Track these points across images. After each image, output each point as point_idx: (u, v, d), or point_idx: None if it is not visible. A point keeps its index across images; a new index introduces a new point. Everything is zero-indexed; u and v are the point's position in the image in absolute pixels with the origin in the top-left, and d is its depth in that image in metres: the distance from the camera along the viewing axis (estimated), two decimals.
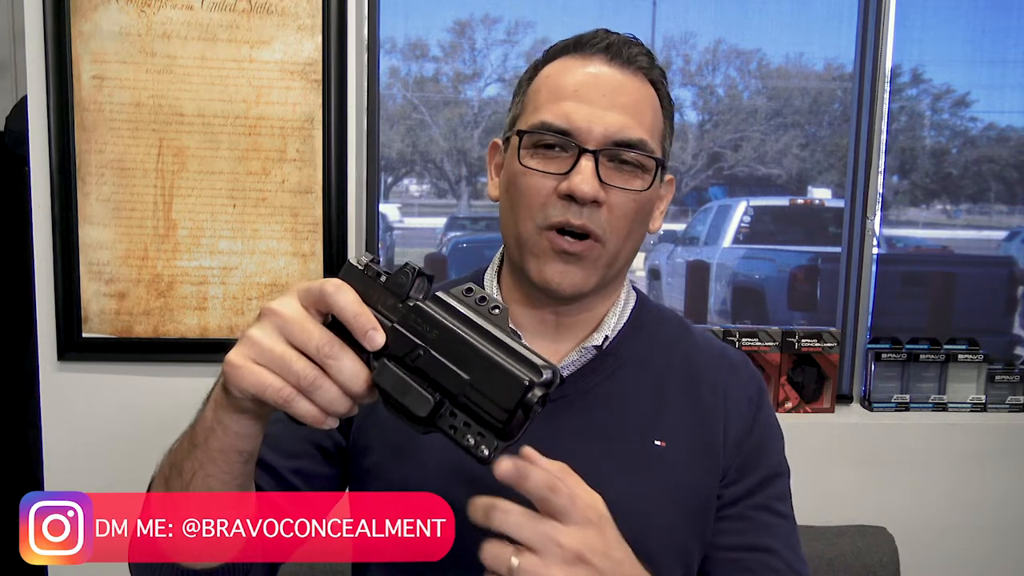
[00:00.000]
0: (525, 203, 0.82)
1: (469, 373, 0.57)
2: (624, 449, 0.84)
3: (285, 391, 0.58)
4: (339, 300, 0.59)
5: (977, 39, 2.53)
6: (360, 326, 0.59)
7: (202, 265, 1.63)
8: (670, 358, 0.91)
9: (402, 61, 2.58)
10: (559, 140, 0.81)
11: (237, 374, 0.59)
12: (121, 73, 1.58)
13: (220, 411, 0.64)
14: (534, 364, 0.57)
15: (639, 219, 0.84)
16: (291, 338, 0.59)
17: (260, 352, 0.59)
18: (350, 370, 0.59)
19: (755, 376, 0.95)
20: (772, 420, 0.93)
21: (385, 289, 0.61)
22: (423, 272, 0.61)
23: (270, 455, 0.81)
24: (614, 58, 0.83)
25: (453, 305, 0.60)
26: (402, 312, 0.60)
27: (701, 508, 0.86)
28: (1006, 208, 3.52)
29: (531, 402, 0.56)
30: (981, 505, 1.87)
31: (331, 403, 0.59)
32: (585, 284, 0.83)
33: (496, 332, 0.58)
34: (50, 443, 1.66)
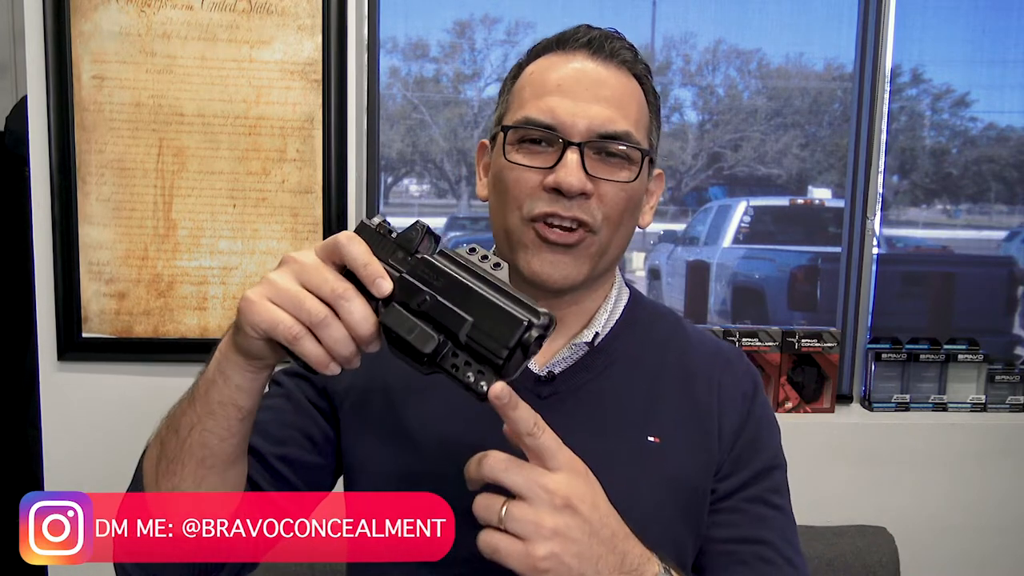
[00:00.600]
0: (511, 196, 0.83)
1: (472, 314, 0.60)
2: (617, 445, 0.84)
3: (295, 328, 0.61)
4: (351, 250, 0.62)
5: (977, 39, 2.53)
6: (368, 274, 0.62)
7: (202, 265, 1.63)
8: (664, 355, 0.91)
9: (402, 61, 2.58)
10: (544, 135, 0.81)
11: (252, 309, 0.62)
12: (121, 73, 1.58)
13: (224, 361, 0.66)
14: (533, 308, 0.60)
15: (629, 211, 0.84)
16: (306, 282, 0.62)
17: (276, 291, 0.62)
18: (360, 312, 0.61)
19: (750, 370, 0.95)
20: (767, 413, 0.93)
21: (395, 244, 0.65)
22: (431, 231, 0.65)
23: (257, 440, 0.81)
24: (596, 52, 0.84)
25: (457, 258, 0.64)
26: (411, 264, 0.64)
27: (695, 503, 0.86)
28: (1006, 208, 3.52)
29: (528, 341, 0.59)
30: (981, 505, 1.87)
31: (337, 344, 0.61)
32: (576, 275, 0.83)
33: (497, 280, 0.62)
34: (50, 443, 1.66)
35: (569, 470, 0.63)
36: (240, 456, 0.72)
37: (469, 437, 0.81)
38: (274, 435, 0.83)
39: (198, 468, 0.69)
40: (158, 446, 0.72)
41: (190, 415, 0.69)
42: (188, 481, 0.69)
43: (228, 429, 0.68)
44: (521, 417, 0.61)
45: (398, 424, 0.85)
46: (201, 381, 0.69)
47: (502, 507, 0.61)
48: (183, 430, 0.69)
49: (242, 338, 0.64)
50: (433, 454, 0.83)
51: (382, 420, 0.86)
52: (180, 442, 0.69)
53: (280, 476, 0.82)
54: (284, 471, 0.83)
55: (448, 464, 0.70)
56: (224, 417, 0.67)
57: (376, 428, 0.86)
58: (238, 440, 0.69)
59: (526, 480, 0.61)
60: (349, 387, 0.87)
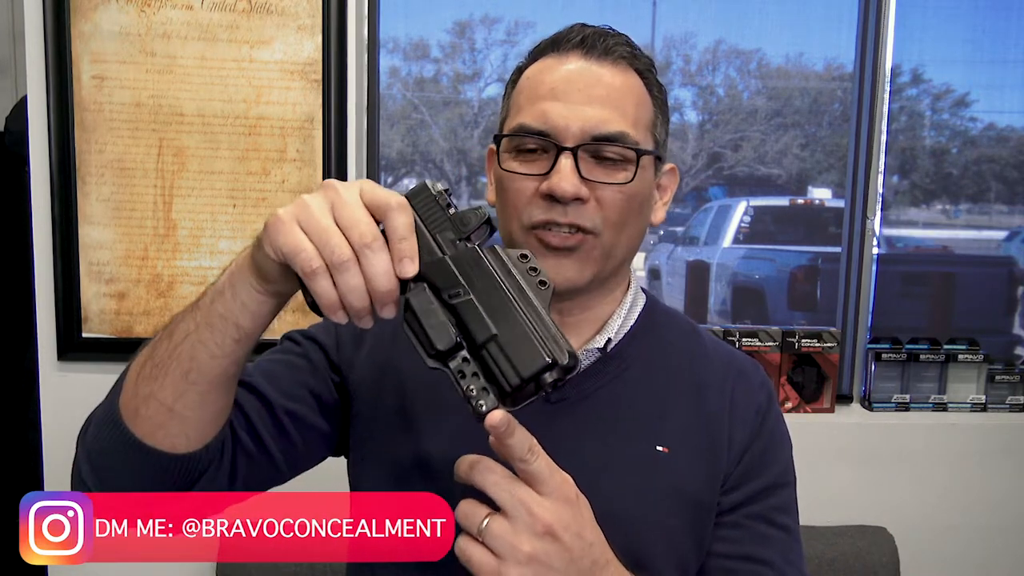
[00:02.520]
0: (511, 205, 0.82)
1: (499, 329, 0.58)
2: (626, 453, 0.83)
3: (315, 262, 0.58)
4: (395, 218, 0.60)
5: (977, 39, 2.53)
6: (399, 250, 0.59)
7: (202, 265, 1.63)
8: (677, 363, 0.89)
9: (402, 61, 2.58)
10: (539, 142, 0.80)
11: (278, 229, 0.60)
12: (121, 73, 1.58)
13: (238, 274, 0.64)
14: (561, 346, 0.57)
15: (632, 212, 0.83)
16: (339, 218, 0.59)
17: (308, 218, 0.59)
18: (382, 266, 0.59)
19: (765, 384, 0.92)
20: (780, 428, 0.91)
21: (450, 221, 0.62)
22: (490, 220, 0.62)
23: (268, 388, 0.80)
24: (589, 51, 0.82)
25: (507, 264, 0.60)
26: (458, 250, 0.61)
27: (701, 516, 0.85)
28: (1006, 208, 3.52)
29: (546, 380, 0.57)
30: (981, 505, 1.87)
31: (351, 292, 0.59)
32: (579, 278, 0.82)
33: (537, 304, 0.59)
34: (50, 443, 1.66)
35: (558, 497, 0.62)
36: (227, 383, 0.69)
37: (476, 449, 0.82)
38: (286, 389, 0.82)
39: (181, 380, 0.66)
40: (149, 350, 0.70)
41: (188, 321, 0.66)
42: (167, 390, 0.67)
43: (221, 346, 0.65)
44: (517, 443, 0.60)
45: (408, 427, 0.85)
46: (210, 290, 0.67)
47: (484, 519, 0.60)
48: (178, 335, 0.67)
49: (261, 256, 0.62)
50: (442, 450, 0.82)
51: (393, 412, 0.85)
52: (172, 346, 0.67)
53: (282, 429, 0.81)
54: (288, 425, 0.81)
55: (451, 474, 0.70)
56: (221, 332, 0.65)
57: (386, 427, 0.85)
58: (228, 363, 0.67)
59: (512, 498, 0.60)
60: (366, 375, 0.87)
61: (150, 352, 0.70)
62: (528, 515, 0.60)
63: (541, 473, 0.61)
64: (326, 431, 0.86)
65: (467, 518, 0.61)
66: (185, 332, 0.66)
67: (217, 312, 0.65)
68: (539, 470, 0.61)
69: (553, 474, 0.62)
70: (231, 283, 0.65)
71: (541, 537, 0.61)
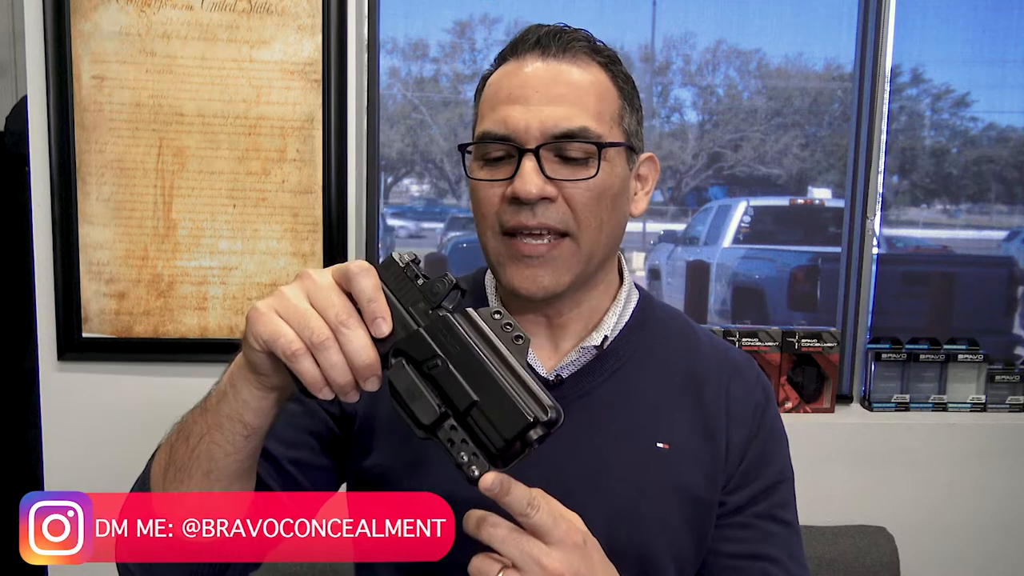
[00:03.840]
0: (482, 212, 0.83)
1: (479, 394, 0.59)
2: (626, 450, 0.84)
3: (295, 344, 0.60)
4: (360, 282, 0.62)
5: (977, 39, 2.53)
6: (371, 312, 0.61)
7: (202, 265, 1.63)
8: (673, 359, 0.90)
9: (402, 61, 2.58)
10: (503, 148, 0.81)
11: (258, 319, 0.62)
12: (121, 73, 1.58)
13: (236, 374, 0.66)
14: (542, 403, 0.59)
15: (605, 206, 0.82)
16: (315, 302, 0.62)
17: (284, 305, 0.62)
18: (359, 343, 0.61)
19: (761, 380, 0.93)
20: (777, 425, 0.92)
21: (420, 292, 0.64)
22: (459, 285, 0.63)
23: (271, 444, 0.81)
24: (546, 51, 0.82)
25: (479, 325, 0.62)
26: (431, 319, 0.62)
27: (700, 512, 0.85)
28: (1006, 208, 3.52)
29: (531, 439, 0.58)
30: (981, 505, 1.87)
31: (333, 368, 0.60)
32: (556, 285, 0.81)
33: (514, 362, 0.61)
34: (50, 443, 1.66)
35: (566, 544, 0.63)
36: (246, 473, 0.71)
37: None
38: (287, 438, 0.84)
39: (203, 480, 0.69)
40: (167, 451, 0.72)
41: (200, 424, 0.69)
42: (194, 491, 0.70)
43: (234, 444, 0.68)
44: (515, 500, 0.61)
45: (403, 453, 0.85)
46: (215, 391, 0.69)
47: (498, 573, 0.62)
48: (193, 438, 0.69)
49: (247, 349, 0.64)
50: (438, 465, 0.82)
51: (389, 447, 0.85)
52: (189, 450, 0.69)
53: (290, 478, 0.83)
54: (295, 474, 0.83)
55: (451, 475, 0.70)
56: (231, 431, 0.67)
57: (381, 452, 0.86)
58: (243, 457, 0.69)
59: (521, 554, 0.62)
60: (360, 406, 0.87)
61: (169, 456, 0.72)
62: (539, 568, 0.62)
63: (545, 524, 0.62)
64: (331, 467, 0.88)
65: (480, 572, 0.63)
66: (199, 435, 0.69)
67: (224, 413, 0.67)
68: (542, 522, 0.62)
69: (558, 522, 0.63)
70: (232, 384, 0.67)
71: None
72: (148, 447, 0.80)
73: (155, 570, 0.74)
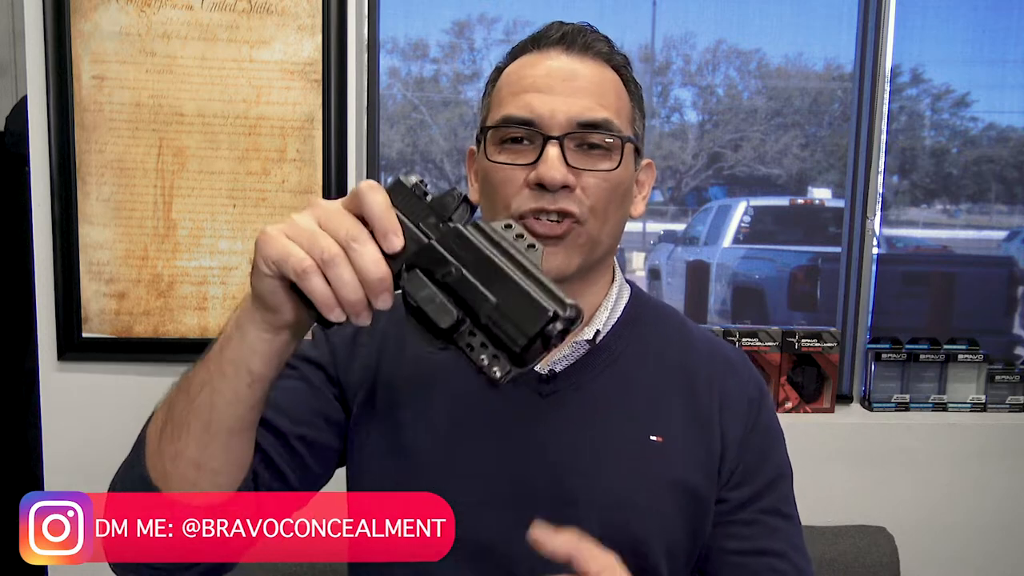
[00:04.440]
0: (499, 196, 0.83)
1: (496, 295, 0.58)
2: (619, 443, 0.84)
3: (305, 262, 0.59)
4: (368, 199, 0.60)
5: (977, 39, 2.53)
6: (382, 227, 0.60)
7: (202, 265, 1.63)
8: (666, 353, 0.90)
9: (402, 61, 2.58)
10: (524, 132, 0.82)
11: (267, 241, 0.61)
12: (121, 73, 1.58)
13: (243, 315, 0.66)
14: (560, 298, 0.57)
15: (615, 200, 0.84)
16: (324, 224, 0.61)
17: (293, 228, 0.61)
18: (370, 257, 0.59)
19: (755, 376, 0.94)
20: (774, 422, 0.93)
21: (429, 207, 0.62)
22: (467, 199, 0.62)
23: (278, 419, 0.81)
24: (570, 47, 0.84)
25: (491, 234, 0.61)
26: (442, 231, 0.61)
27: (695, 505, 0.86)
28: (1006, 208, 3.52)
29: (552, 333, 0.56)
30: (981, 505, 1.87)
31: (345, 286, 0.59)
32: (567, 266, 0.83)
33: (528, 264, 0.59)
34: (50, 443, 1.66)
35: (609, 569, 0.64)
36: (247, 427, 0.70)
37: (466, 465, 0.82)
38: (294, 415, 0.83)
39: (203, 433, 0.67)
40: (166, 408, 0.71)
41: (202, 373, 0.68)
42: (191, 447, 0.68)
43: (236, 393, 0.66)
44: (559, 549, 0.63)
45: (400, 424, 0.85)
46: (219, 338, 0.68)
47: None
48: (193, 388, 0.68)
49: (256, 277, 0.63)
50: (431, 459, 0.83)
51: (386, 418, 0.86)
52: (189, 401, 0.68)
53: (298, 456, 0.82)
54: (301, 450, 0.82)
55: (450, 479, 0.70)
56: (234, 377, 0.66)
57: (379, 426, 0.86)
58: (245, 408, 0.68)
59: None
60: (360, 381, 0.87)
61: (167, 412, 0.71)
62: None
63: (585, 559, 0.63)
64: (337, 447, 0.88)
65: None
66: (201, 384, 0.67)
67: (227, 359, 0.66)
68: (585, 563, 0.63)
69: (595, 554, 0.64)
70: (237, 326, 0.66)
71: None
72: None
73: (144, 571, 0.73)
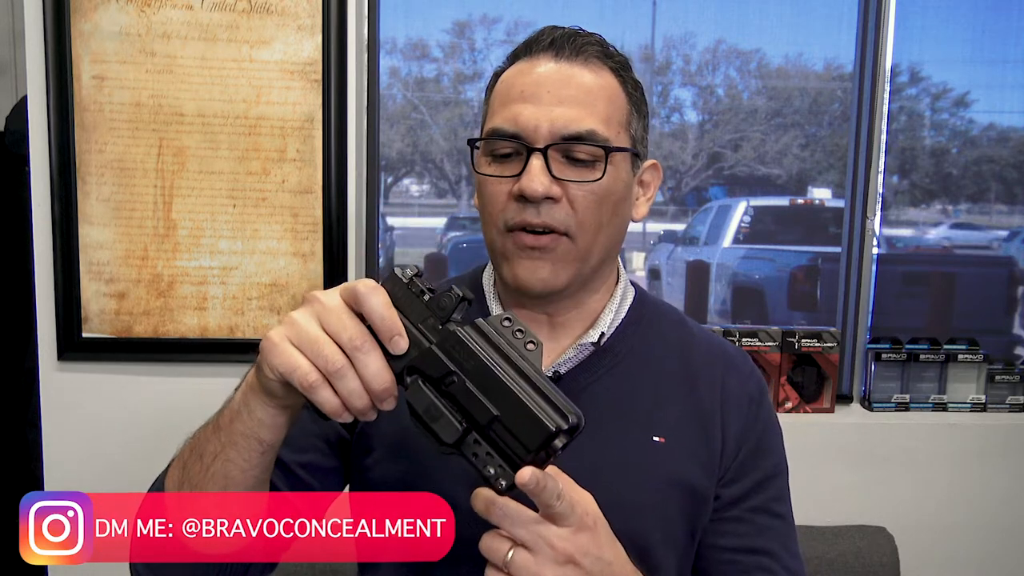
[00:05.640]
0: (488, 209, 0.84)
1: (499, 408, 0.59)
2: (622, 444, 0.85)
3: (312, 375, 0.61)
4: (370, 301, 0.61)
5: (977, 39, 2.53)
6: (387, 329, 0.61)
7: (202, 265, 1.63)
8: (669, 354, 0.91)
9: (402, 61, 2.58)
10: (511, 145, 0.82)
11: (273, 351, 0.62)
12: (121, 73, 1.58)
13: (250, 394, 0.67)
14: (562, 410, 0.59)
15: (605, 211, 0.83)
16: (327, 326, 0.62)
17: (297, 333, 0.62)
18: (375, 367, 0.61)
19: (755, 374, 0.94)
20: (772, 419, 0.93)
21: (427, 308, 0.63)
22: (466, 297, 0.63)
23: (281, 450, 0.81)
24: (559, 52, 0.84)
25: (491, 336, 0.62)
26: (442, 335, 0.62)
27: (696, 504, 0.86)
28: (1006, 208, 3.52)
29: (555, 448, 0.59)
30: (981, 505, 1.87)
31: (351, 395, 0.61)
32: (554, 280, 0.82)
33: (528, 370, 0.60)
34: (50, 443, 1.66)
35: (577, 526, 0.65)
36: (261, 486, 0.72)
37: None
38: (296, 443, 0.84)
39: None
40: (180, 468, 0.73)
41: (214, 443, 0.69)
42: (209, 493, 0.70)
43: (249, 461, 0.68)
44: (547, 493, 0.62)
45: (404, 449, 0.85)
46: (226, 410, 0.70)
47: (508, 552, 0.63)
48: (207, 457, 0.70)
49: (263, 378, 0.64)
50: (443, 469, 0.83)
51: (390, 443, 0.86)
52: (203, 468, 0.70)
53: (301, 482, 0.84)
54: (305, 477, 0.84)
55: (456, 485, 0.70)
56: (246, 449, 0.68)
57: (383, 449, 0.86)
58: (259, 472, 0.70)
59: (532, 535, 0.63)
60: None
61: (182, 473, 0.72)
62: (549, 547, 0.63)
63: (564, 511, 0.63)
64: (339, 468, 0.89)
65: (492, 552, 0.64)
66: (213, 454, 0.69)
67: (238, 431, 0.68)
68: (564, 510, 0.63)
69: (574, 508, 0.64)
70: (244, 403, 0.67)
71: (563, 565, 0.64)
72: (148, 447, 0.81)
73: (167, 570, 0.74)
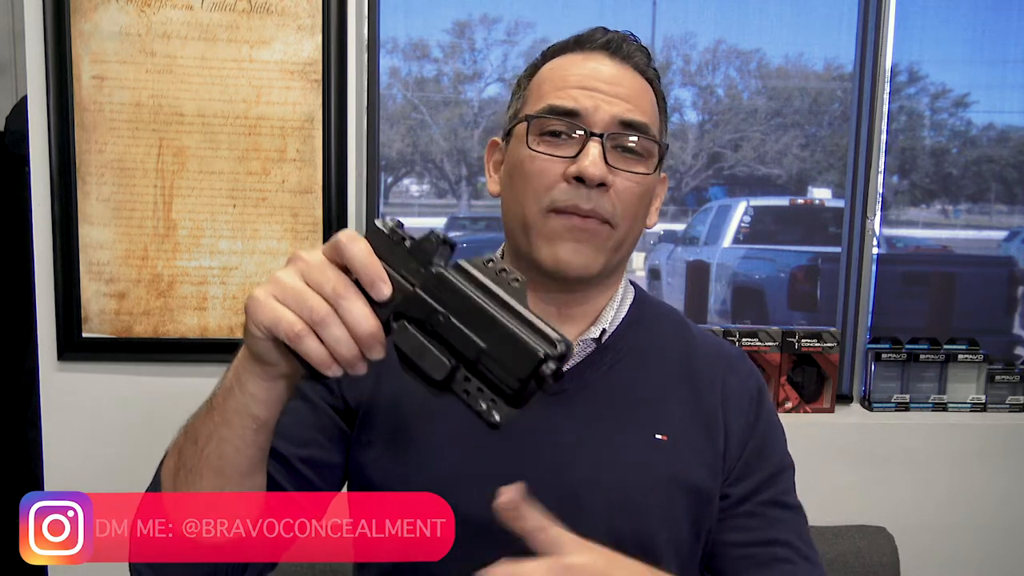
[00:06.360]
0: (532, 186, 0.83)
1: (486, 341, 0.58)
2: (625, 442, 0.85)
3: (297, 325, 0.60)
4: (350, 249, 0.61)
5: (977, 39, 2.53)
6: (368, 276, 0.60)
7: (202, 265, 1.63)
8: (669, 352, 0.92)
9: (402, 61, 2.57)
10: (566, 126, 0.83)
11: (256, 307, 0.62)
12: (121, 73, 1.58)
13: (241, 368, 0.66)
14: (549, 337, 0.58)
15: (642, 206, 0.86)
16: (310, 280, 0.61)
17: (280, 289, 0.62)
18: (359, 312, 0.60)
19: (754, 372, 0.95)
20: (773, 416, 0.94)
21: (409, 254, 0.62)
22: (447, 240, 0.62)
23: (280, 444, 0.81)
24: (614, 53, 0.86)
25: (474, 274, 0.61)
26: (424, 277, 0.61)
27: (700, 503, 0.86)
28: (1006, 208, 3.52)
29: (544, 374, 0.57)
30: (981, 505, 1.87)
31: (338, 343, 0.60)
32: (594, 265, 0.84)
33: (514, 303, 0.59)
34: (50, 443, 1.66)
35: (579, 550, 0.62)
36: (257, 467, 0.71)
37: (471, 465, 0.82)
38: (296, 437, 0.84)
39: (215, 478, 0.69)
40: (176, 455, 0.72)
41: (208, 424, 0.69)
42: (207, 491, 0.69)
43: (243, 439, 0.68)
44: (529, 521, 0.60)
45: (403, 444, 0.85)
46: (219, 389, 0.69)
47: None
48: (201, 439, 0.69)
49: (250, 339, 0.64)
50: (435, 459, 0.83)
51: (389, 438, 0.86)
52: (198, 451, 0.69)
53: (302, 477, 0.83)
54: (306, 472, 0.83)
55: (455, 484, 0.70)
56: (240, 426, 0.67)
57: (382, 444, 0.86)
58: (254, 451, 0.69)
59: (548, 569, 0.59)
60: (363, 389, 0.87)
61: (178, 459, 0.72)
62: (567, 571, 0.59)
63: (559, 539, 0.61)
64: (340, 462, 0.88)
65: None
66: (207, 434, 0.68)
67: (231, 409, 0.67)
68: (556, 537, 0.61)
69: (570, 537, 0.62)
70: (237, 378, 0.67)
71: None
72: (148, 447, 0.80)
73: (167, 570, 0.74)
